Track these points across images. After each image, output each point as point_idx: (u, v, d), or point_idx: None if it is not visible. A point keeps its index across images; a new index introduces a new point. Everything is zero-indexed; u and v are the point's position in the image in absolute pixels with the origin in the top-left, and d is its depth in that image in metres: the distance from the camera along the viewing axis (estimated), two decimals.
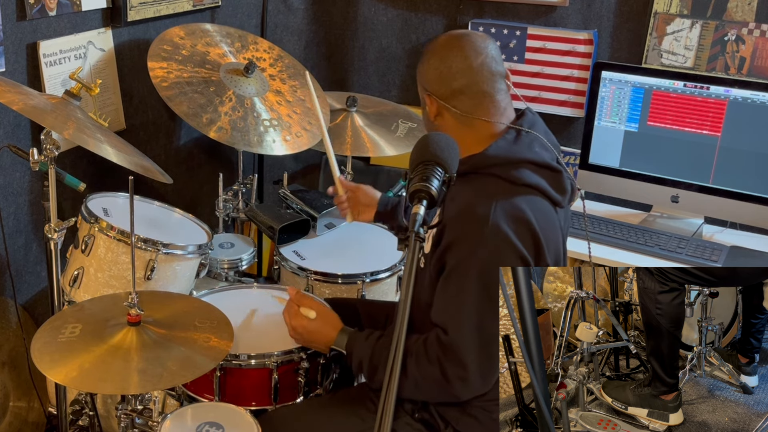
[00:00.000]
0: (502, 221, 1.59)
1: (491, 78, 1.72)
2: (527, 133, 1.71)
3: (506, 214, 1.60)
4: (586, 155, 2.76)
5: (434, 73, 1.73)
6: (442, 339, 1.63)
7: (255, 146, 2.40)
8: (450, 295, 1.64)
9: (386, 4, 3.25)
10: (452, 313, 1.63)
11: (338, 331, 1.82)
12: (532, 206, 1.64)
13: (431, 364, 1.64)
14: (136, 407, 1.77)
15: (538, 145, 1.71)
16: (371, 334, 1.77)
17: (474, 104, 1.71)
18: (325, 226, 2.59)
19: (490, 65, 1.72)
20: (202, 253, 2.20)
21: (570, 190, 1.74)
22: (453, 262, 1.63)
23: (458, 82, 1.70)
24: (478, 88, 1.71)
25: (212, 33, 2.64)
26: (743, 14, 2.66)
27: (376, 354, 1.72)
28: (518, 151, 1.68)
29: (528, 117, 1.76)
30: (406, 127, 2.79)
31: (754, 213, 2.55)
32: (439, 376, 1.64)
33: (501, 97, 1.73)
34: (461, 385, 1.64)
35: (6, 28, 2.12)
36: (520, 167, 1.66)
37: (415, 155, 1.50)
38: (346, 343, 1.79)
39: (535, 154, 1.69)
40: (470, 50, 1.71)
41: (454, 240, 1.62)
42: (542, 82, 2.97)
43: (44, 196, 1.93)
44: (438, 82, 1.73)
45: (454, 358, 1.62)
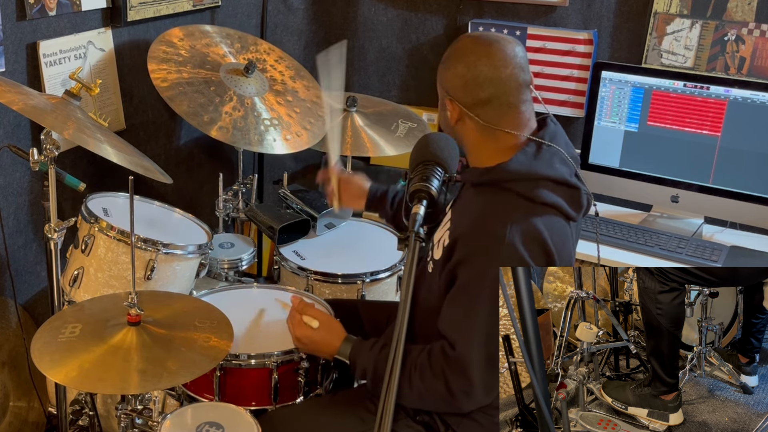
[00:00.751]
0: (518, 241, 1.57)
1: (518, 89, 1.66)
2: (548, 146, 1.66)
3: (523, 233, 1.58)
4: (586, 155, 2.76)
5: (460, 80, 1.66)
6: (448, 353, 1.63)
7: (255, 145, 2.40)
8: (460, 311, 1.63)
9: (386, 4, 3.25)
10: (461, 329, 1.62)
11: (342, 341, 1.81)
12: (548, 225, 1.61)
13: (436, 377, 1.64)
14: (136, 407, 1.77)
15: (558, 160, 1.66)
16: (375, 344, 1.77)
17: (498, 115, 1.66)
18: (325, 226, 2.59)
19: (518, 75, 1.65)
20: (202, 253, 2.20)
21: (586, 204, 1.71)
22: (465, 277, 1.61)
23: (485, 92, 1.64)
24: (504, 100, 1.65)
25: (212, 34, 2.64)
26: (743, 14, 2.66)
27: (380, 365, 1.71)
28: (539, 167, 1.63)
29: (550, 128, 1.71)
30: (406, 127, 2.79)
31: (754, 213, 2.55)
32: (443, 390, 1.64)
33: (525, 108, 1.68)
34: (465, 399, 1.64)
35: (6, 28, 2.12)
36: (539, 185, 1.62)
37: (415, 155, 1.50)
38: (349, 353, 1.79)
39: (555, 170, 1.64)
40: (499, 59, 1.64)
41: (467, 256, 1.61)
42: (542, 82, 2.96)
43: (44, 196, 1.93)
44: (463, 90, 1.66)
45: (459, 372, 1.61)
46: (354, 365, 1.78)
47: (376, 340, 1.78)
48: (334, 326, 1.86)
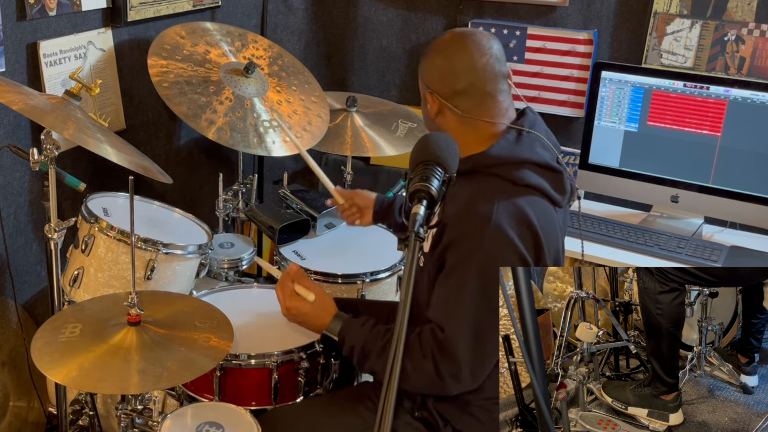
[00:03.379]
0: (504, 221, 1.59)
1: (494, 79, 1.71)
2: (528, 133, 1.71)
3: (508, 214, 1.60)
4: (586, 155, 2.76)
5: (437, 72, 1.72)
6: (438, 335, 1.63)
7: (255, 147, 2.39)
8: (449, 294, 1.64)
9: (386, 4, 3.25)
10: (450, 312, 1.63)
11: (332, 317, 1.80)
12: (534, 207, 1.64)
13: (425, 358, 1.64)
14: (136, 407, 1.77)
15: (539, 145, 1.71)
16: (366, 322, 1.77)
17: (476, 104, 1.71)
18: (325, 226, 2.59)
19: (494, 66, 1.71)
20: (202, 253, 2.20)
21: (570, 190, 1.74)
22: (453, 260, 1.63)
23: (461, 82, 1.70)
24: (481, 89, 1.70)
25: (212, 32, 2.64)
26: (743, 14, 2.66)
27: (369, 342, 1.72)
28: (520, 152, 1.68)
29: (529, 117, 1.75)
30: (406, 127, 2.79)
31: (754, 213, 2.55)
32: (431, 371, 1.64)
33: (503, 98, 1.73)
34: (453, 381, 1.65)
35: (6, 28, 2.12)
36: (521, 168, 1.66)
37: (415, 155, 1.50)
38: (339, 330, 1.78)
39: (537, 154, 1.69)
40: (475, 50, 1.70)
41: (455, 239, 1.62)
42: (542, 82, 2.97)
43: (44, 196, 1.93)
44: (441, 81, 1.72)
45: (448, 355, 1.62)
46: (342, 342, 1.77)
47: (367, 319, 1.78)
48: (326, 301, 1.84)
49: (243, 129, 2.40)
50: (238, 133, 2.38)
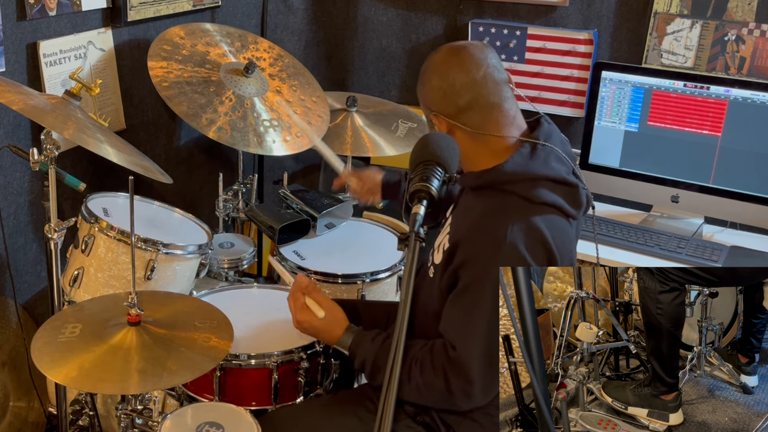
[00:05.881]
0: (519, 242, 1.57)
1: (496, 88, 1.67)
2: (543, 146, 1.66)
3: (523, 233, 1.58)
4: (586, 155, 2.76)
5: (437, 93, 1.68)
6: (450, 353, 1.63)
7: (255, 147, 2.39)
8: (462, 313, 1.63)
9: (386, 4, 3.25)
10: (463, 331, 1.62)
11: (343, 330, 1.80)
12: (549, 225, 1.62)
13: (436, 374, 1.64)
14: (136, 407, 1.77)
15: (555, 159, 1.67)
16: (377, 336, 1.76)
17: (484, 118, 1.67)
18: (325, 226, 2.59)
19: (493, 75, 1.67)
20: (202, 253, 2.20)
21: (585, 202, 1.70)
22: (467, 279, 1.62)
23: (464, 98, 1.66)
24: (485, 101, 1.66)
25: (212, 32, 2.64)
26: (743, 14, 2.66)
27: (380, 356, 1.71)
28: (535, 167, 1.64)
29: (544, 127, 1.71)
30: (406, 127, 2.79)
31: (754, 213, 2.55)
32: (443, 388, 1.64)
33: (509, 105, 1.69)
34: (464, 398, 1.64)
35: (6, 28, 2.12)
36: (536, 184, 1.63)
37: (415, 155, 1.50)
38: (350, 344, 1.78)
39: (552, 169, 1.65)
40: (471, 63, 1.66)
41: (469, 258, 1.61)
42: (542, 82, 2.96)
43: (44, 196, 1.93)
44: (443, 101, 1.68)
45: (460, 373, 1.61)
46: (353, 356, 1.77)
47: (378, 332, 1.77)
48: (338, 315, 1.83)
49: (243, 128, 2.40)
50: (239, 132, 2.38)
